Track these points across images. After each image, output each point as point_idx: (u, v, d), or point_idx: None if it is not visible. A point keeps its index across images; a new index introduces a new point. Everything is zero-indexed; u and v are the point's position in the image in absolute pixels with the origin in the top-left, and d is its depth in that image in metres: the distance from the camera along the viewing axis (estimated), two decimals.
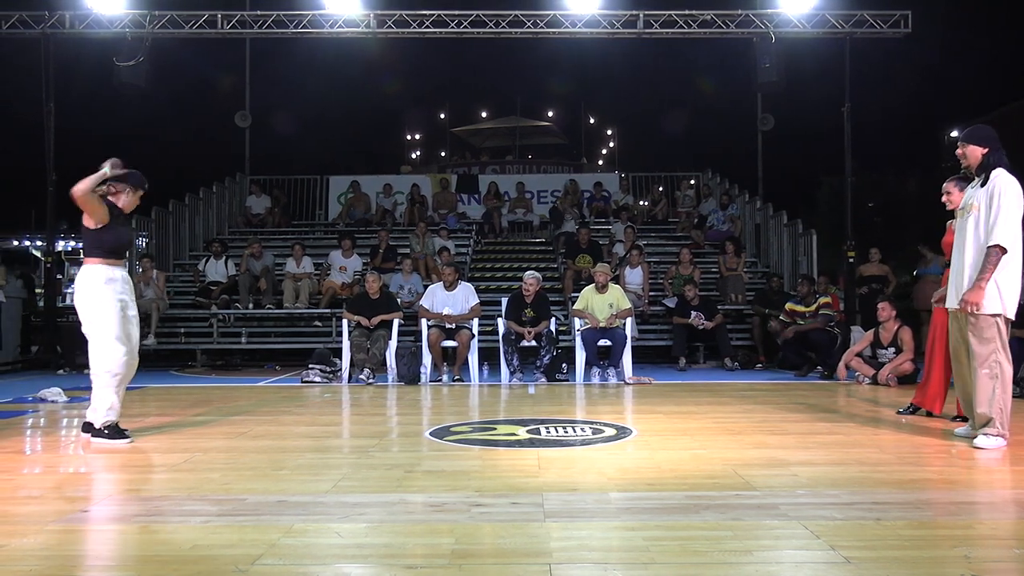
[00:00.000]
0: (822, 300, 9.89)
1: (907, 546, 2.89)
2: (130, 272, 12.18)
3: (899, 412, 6.29)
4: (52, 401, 7.36)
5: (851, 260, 12.50)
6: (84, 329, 5.25)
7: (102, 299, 5.18)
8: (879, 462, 4.45)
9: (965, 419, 5.35)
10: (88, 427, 5.31)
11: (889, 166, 32.70)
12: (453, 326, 9.29)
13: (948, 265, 5.78)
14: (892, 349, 8.52)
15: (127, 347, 5.26)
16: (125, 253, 5.50)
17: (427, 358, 9.23)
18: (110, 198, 5.32)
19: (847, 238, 12.63)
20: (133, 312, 5.38)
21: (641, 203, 18.12)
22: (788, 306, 10.03)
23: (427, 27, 13.02)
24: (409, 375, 9.01)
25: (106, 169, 5.13)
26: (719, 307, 11.31)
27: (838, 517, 3.25)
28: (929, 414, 6.06)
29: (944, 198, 5.66)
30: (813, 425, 5.84)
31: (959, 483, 4.00)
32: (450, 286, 9.48)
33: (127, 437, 5.23)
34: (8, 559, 2.80)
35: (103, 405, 5.23)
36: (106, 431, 5.21)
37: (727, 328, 11.07)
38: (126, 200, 5.40)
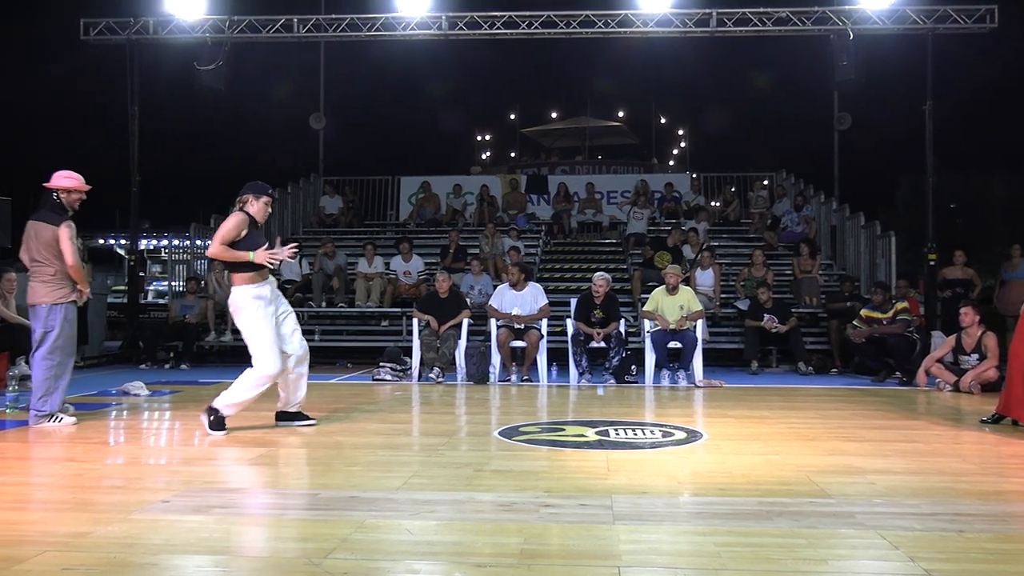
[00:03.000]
0: (899, 306, 9.59)
1: (991, 560, 2.79)
2: (207, 272, 12.47)
3: (982, 421, 6.06)
4: (135, 394, 7.60)
5: (932, 263, 12.12)
6: (246, 338, 5.53)
7: (255, 316, 5.45)
8: (961, 472, 4.31)
9: None
10: (283, 415, 5.73)
11: (973, 166, 31.56)
12: (522, 326, 9.30)
13: None
14: (975, 355, 8.23)
15: (279, 354, 5.51)
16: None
17: (496, 358, 9.26)
18: (246, 209, 5.52)
19: (928, 240, 12.26)
20: (285, 309, 5.75)
21: (713, 204, 17.87)
22: (864, 312, 9.74)
23: (498, 28, 13.06)
24: (478, 374, 9.05)
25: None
26: (793, 310, 11.08)
27: (918, 528, 3.16)
28: (1015, 423, 5.83)
29: None
30: (891, 432, 5.69)
31: None
32: (518, 286, 9.50)
33: (225, 430, 5.37)
34: (94, 545, 2.91)
35: (237, 397, 5.44)
36: (212, 419, 5.35)
37: (801, 331, 10.83)
38: (255, 209, 5.56)
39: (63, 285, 5.83)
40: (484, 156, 43.08)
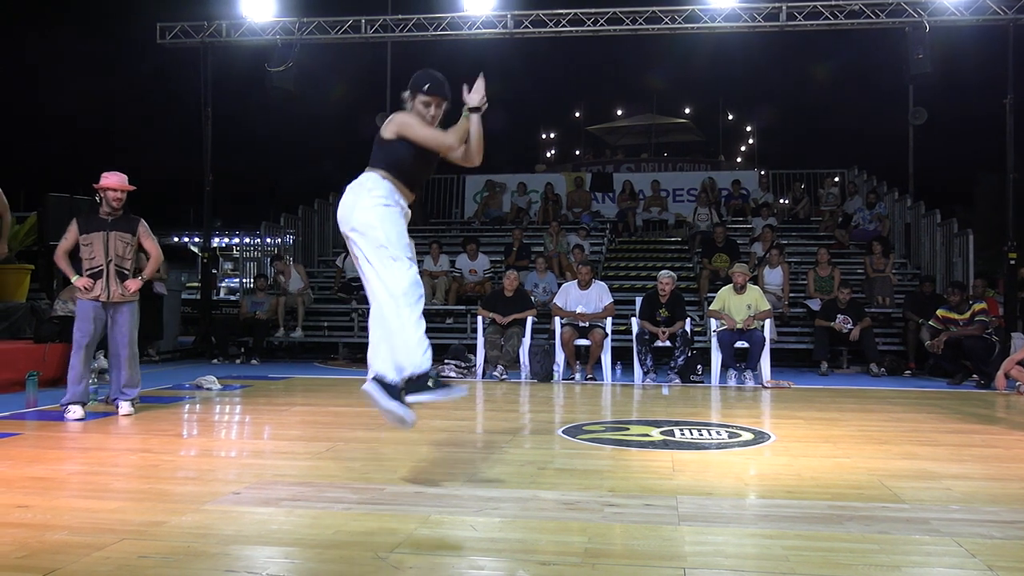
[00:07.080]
0: (977, 307, 9.27)
1: None
2: (272, 265, 12.65)
3: None
4: (207, 388, 7.80)
5: (1012, 262, 11.69)
6: (357, 252, 3.84)
7: (387, 209, 3.81)
8: None
9: None
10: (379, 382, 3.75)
11: None
12: (586, 324, 9.27)
13: None
14: None
15: (415, 268, 3.93)
16: (415, 191, 4.05)
17: (560, 356, 9.24)
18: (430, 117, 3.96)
19: (1008, 238, 11.83)
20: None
21: (782, 201, 17.54)
22: (940, 312, 9.46)
23: (563, 26, 13.03)
24: (542, 372, 9.05)
25: None
26: (866, 309, 10.80)
27: (997, 536, 3.05)
28: None
29: None
30: (968, 437, 5.50)
31: None
32: (584, 285, 9.47)
33: (448, 387, 3.79)
34: (169, 534, 3.00)
35: (405, 343, 3.86)
36: (413, 380, 3.71)
37: (874, 332, 10.56)
38: (434, 114, 3.99)
39: None
40: (549, 154, 43.07)
